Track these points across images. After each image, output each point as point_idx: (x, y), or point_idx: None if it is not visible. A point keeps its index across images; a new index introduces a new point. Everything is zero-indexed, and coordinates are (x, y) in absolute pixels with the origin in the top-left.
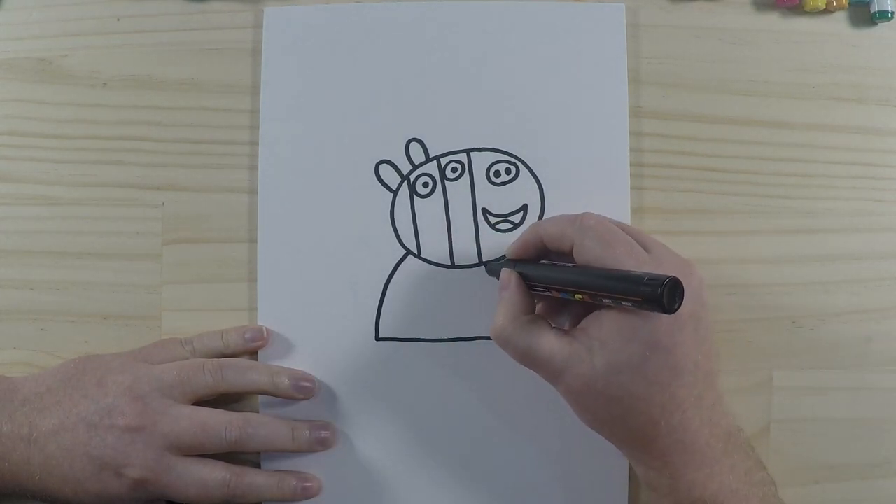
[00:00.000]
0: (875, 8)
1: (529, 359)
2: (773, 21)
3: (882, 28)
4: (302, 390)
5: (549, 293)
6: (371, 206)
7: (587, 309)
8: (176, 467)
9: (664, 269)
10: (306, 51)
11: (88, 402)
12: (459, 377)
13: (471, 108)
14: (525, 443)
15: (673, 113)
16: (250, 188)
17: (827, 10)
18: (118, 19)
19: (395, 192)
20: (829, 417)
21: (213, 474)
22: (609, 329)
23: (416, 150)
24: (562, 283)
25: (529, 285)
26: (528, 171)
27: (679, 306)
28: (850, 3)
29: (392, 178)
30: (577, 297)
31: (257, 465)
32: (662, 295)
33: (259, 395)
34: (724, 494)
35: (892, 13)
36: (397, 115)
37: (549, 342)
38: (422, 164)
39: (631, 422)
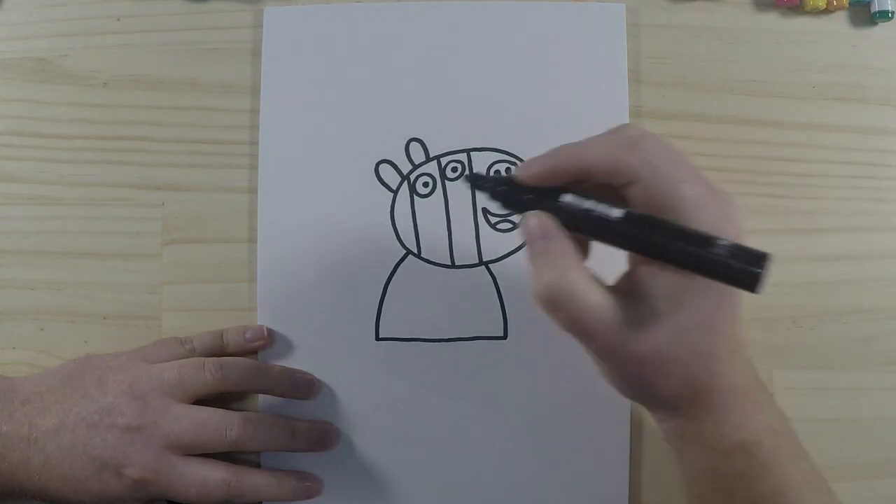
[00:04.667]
0: (875, 8)
1: (581, 325)
2: (773, 21)
3: (882, 28)
4: (302, 390)
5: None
6: (371, 206)
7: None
8: (176, 467)
9: (731, 223)
10: (306, 51)
11: (88, 402)
12: (459, 377)
13: (471, 108)
14: (525, 442)
15: (673, 113)
16: (250, 188)
17: (827, 10)
18: (118, 19)
19: (396, 192)
20: (829, 417)
21: (214, 474)
22: (675, 284)
23: (416, 149)
24: (617, 242)
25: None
26: None
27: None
28: (850, 3)
29: (392, 178)
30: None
31: (257, 465)
32: (758, 281)
33: (259, 395)
34: (763, 433)
35: (892, 13)
36: (397, 115)
37: (611, 303)
38: (422, 163)
39: (690, 380)
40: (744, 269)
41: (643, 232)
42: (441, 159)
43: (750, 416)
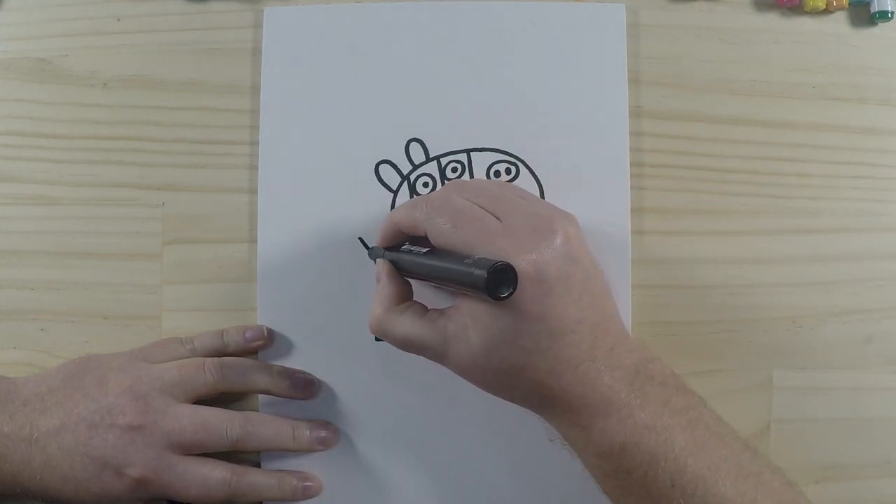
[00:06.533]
0: (875, 8)
1: (409, 347)
2: (773, 21)
3: (882, 28)
4: (302, 390)
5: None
6: (371, 206)
7: None
8: (177, 466)
9: (516, 239)
10: (306, 51)
11: (89, 402)
12: (459, 377)
13: (471, 108)
14: (526, 441)
15: (673, 113)
16: (250, 188)
17: (827, 10)
18: (118, 19)
19: (396, 193)
20: (829, 417)
21: (215, 473)
22: (479, 306)
23: (416, 150)
24: (412, 274)
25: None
26: (528, 172)
27: (510, 294)
28: (850, 3)
29: (392, 178)
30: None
31: (257, 465)
32: (490, 287)
33: (259, 395)
34: (638, 434)
35: (892, 13)
36: (397, 115)
37: (424, 329)
38: (422, 164)
39: (522, 388)
40: (476, 273)
41: (429, 260)
42: (441, 159)
43: (620, 421)
